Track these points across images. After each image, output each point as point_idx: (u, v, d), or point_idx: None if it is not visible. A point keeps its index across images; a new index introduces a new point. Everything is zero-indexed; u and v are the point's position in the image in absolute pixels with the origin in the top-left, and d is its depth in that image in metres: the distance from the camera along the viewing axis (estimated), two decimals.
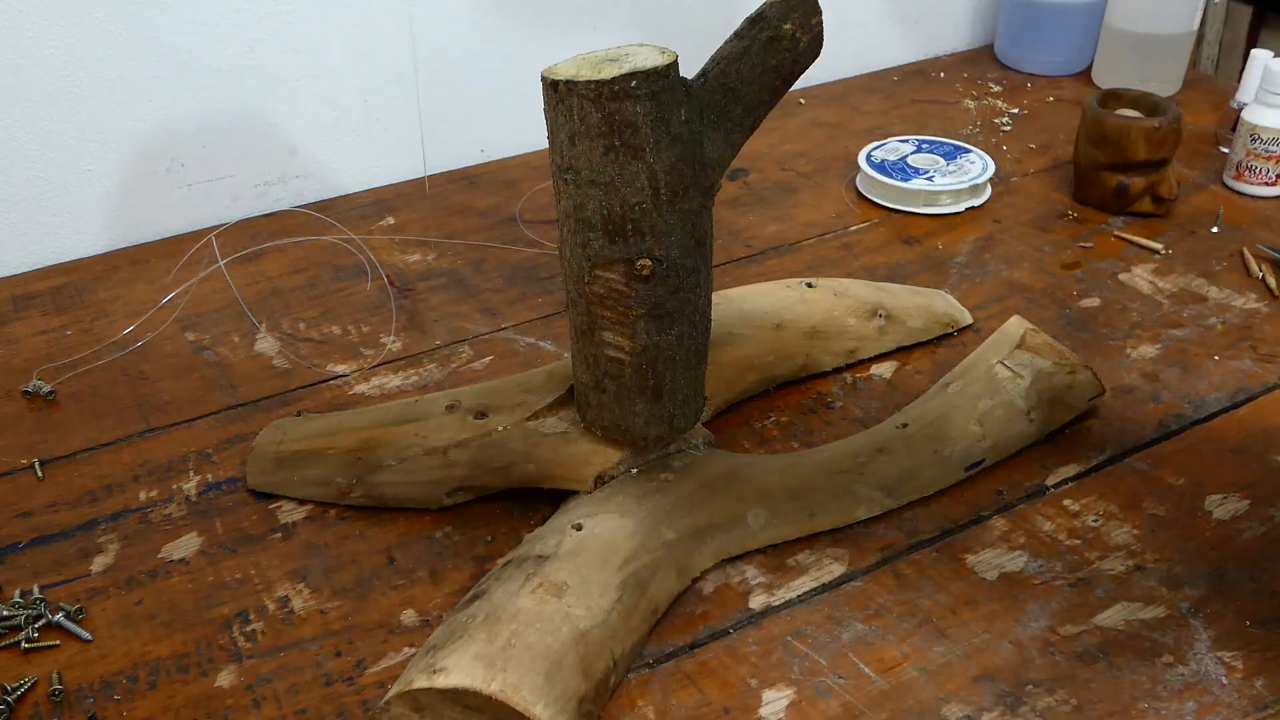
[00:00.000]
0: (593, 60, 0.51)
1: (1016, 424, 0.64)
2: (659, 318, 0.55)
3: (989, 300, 0.79)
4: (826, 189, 0.95)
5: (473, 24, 0.96)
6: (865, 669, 0.52)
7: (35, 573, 0.58)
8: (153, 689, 0.52)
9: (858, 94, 1.14)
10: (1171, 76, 1.10)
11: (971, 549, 0.58)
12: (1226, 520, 0.60)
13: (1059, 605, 0.55)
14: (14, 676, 0.52)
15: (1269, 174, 0.91)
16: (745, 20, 0.53)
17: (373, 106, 0.95)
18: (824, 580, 0.57)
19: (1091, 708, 0.50)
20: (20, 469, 0.65)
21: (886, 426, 0.65)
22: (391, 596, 0.57)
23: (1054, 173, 0.97)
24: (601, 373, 0.57)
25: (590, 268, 0.54)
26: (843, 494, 0.60)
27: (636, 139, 0.50)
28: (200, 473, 0.65)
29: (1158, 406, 0.69)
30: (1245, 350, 0.73)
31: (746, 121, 0.54)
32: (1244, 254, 0.84)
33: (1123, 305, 0.78)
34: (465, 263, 0.85)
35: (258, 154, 0.92)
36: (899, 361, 0.73)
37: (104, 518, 0.62)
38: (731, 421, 0.68)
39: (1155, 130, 0.84)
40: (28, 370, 0.73)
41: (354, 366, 0.74)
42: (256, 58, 0.88)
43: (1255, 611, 0.55)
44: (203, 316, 0.79)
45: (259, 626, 0.55)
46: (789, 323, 0.70)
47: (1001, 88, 1.14)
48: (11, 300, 0.82)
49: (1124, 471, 0.64)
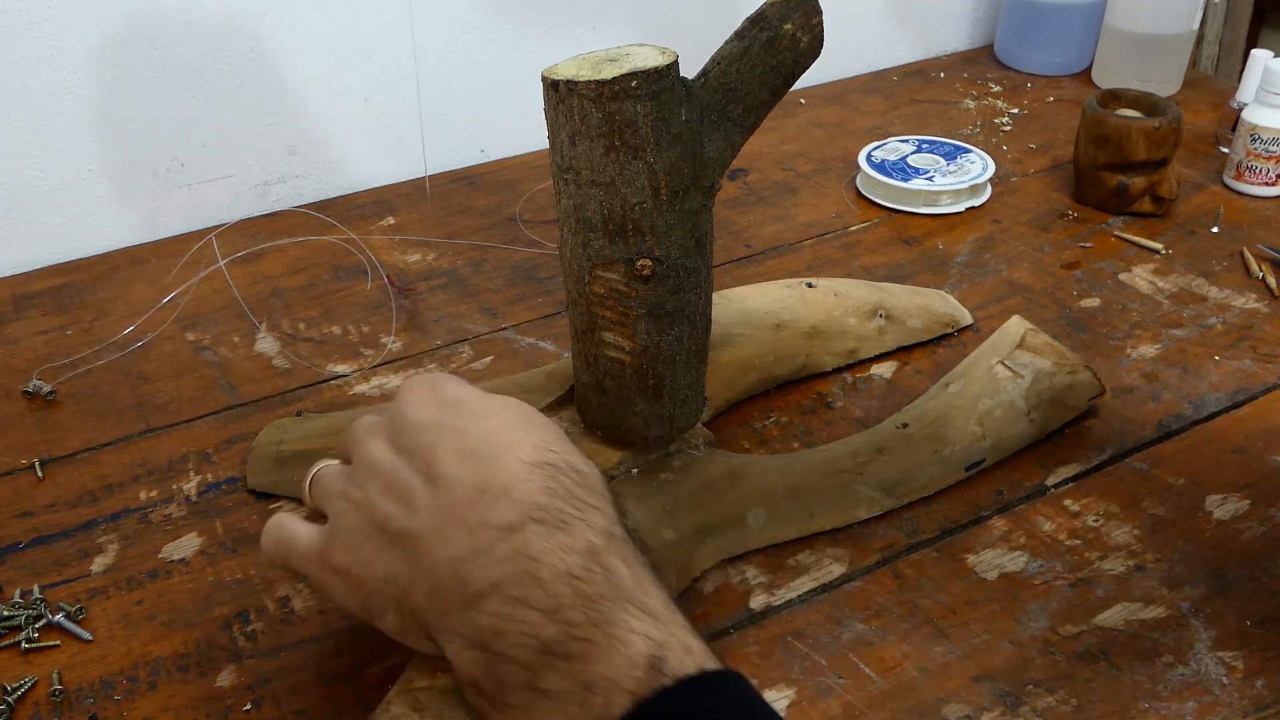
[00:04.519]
0: (593, 60, 0.51)
1: (1016, 424, 0.64)
2: (659, 318, 0.55)
3: (989, 300, 0.79)
4: (826, 189, 0.95)
5: (472, 24, 0.96)
6: (865, 669, 0.52)
7: (35, 573, 0.58)
8: (153, 689, 0.52)
9: (858, 94, 1.14)
10: (1171, 76, 1.10)
11: (972, 549, 0.58)
12: (1227, 520, 0.60)
13: (1059, 605, 0.55)
14: (14, 676, 0.52)
15: (1269, 174, 0.91)
16: (746, 20, 0.53)
17: (373, 106, 0.95)
18: (824, 580, 0.57)
19: (1091, 708, 0.50)
20: (20, 469, 0.65)
21: (886, 426, 0.65)
22: None
23: (1054, 173, 0.97)
24: (602, 373, 0.57)
25: (590, 268, 0.54)
26: (843, 494, 0.60)
27: (637, 139, 0.50)
28: (200, 473, 0.65)
29: (1158, 406, 0.69)
30: (1245, 350, 0.73)
31: (747, 121, 0.54)
32: (1244, 254, 0.84)
33: (1123, 305, 0.78)
34: (465, 263, 0.85)
35: (258, 154, 0.92)
36: (899, 361, 0.73)
37: (104, 518, 0.62)
38: (731, 421, 0.68)
39: (1155, 130, 0.84)
40: (28, 370, 0.73)
41: (354, 366, 0.74)
42: (256, 58, 0.88)
43: (1255, 611, 0.55)
44: (203, 316, 0.79)
45: (259, 626, 0.55)
46: (789, 323, 0.70)
47: (1001, 88, 1.14)
48: (11, 300, 0.82)
49: (1124, 471, 0.64)
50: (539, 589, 0.38)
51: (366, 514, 0.43)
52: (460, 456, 0.42)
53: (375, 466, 0.43)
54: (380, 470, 0.43)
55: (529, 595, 0.38)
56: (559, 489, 0.41)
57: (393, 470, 0.43)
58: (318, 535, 0.45)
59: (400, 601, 0.42)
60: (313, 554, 0.44)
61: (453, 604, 0.40)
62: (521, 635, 0.38)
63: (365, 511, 0.43)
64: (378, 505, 0.42)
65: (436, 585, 0.40)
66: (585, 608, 0.38)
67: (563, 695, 0.37)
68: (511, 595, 0.38)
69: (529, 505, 0.40)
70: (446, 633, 0.40)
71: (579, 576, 0.38)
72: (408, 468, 0.43)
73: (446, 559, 0.40)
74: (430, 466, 0.42)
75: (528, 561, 0.39)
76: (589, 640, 0.37)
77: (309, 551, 0.45)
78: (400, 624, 0.42)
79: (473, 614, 0.39)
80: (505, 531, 0.39)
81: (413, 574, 0.41)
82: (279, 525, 0.46)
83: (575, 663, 0.37)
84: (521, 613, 0.38)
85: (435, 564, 0.40)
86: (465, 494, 0.41)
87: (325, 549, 0.44)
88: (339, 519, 0.44)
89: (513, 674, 0.38)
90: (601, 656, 0.37)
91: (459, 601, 0.39)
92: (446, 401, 0.44)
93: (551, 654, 0.37)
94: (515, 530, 0.39)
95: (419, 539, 0.41)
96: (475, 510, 0.40)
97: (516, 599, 0.38)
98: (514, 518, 0.40)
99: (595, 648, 0.37)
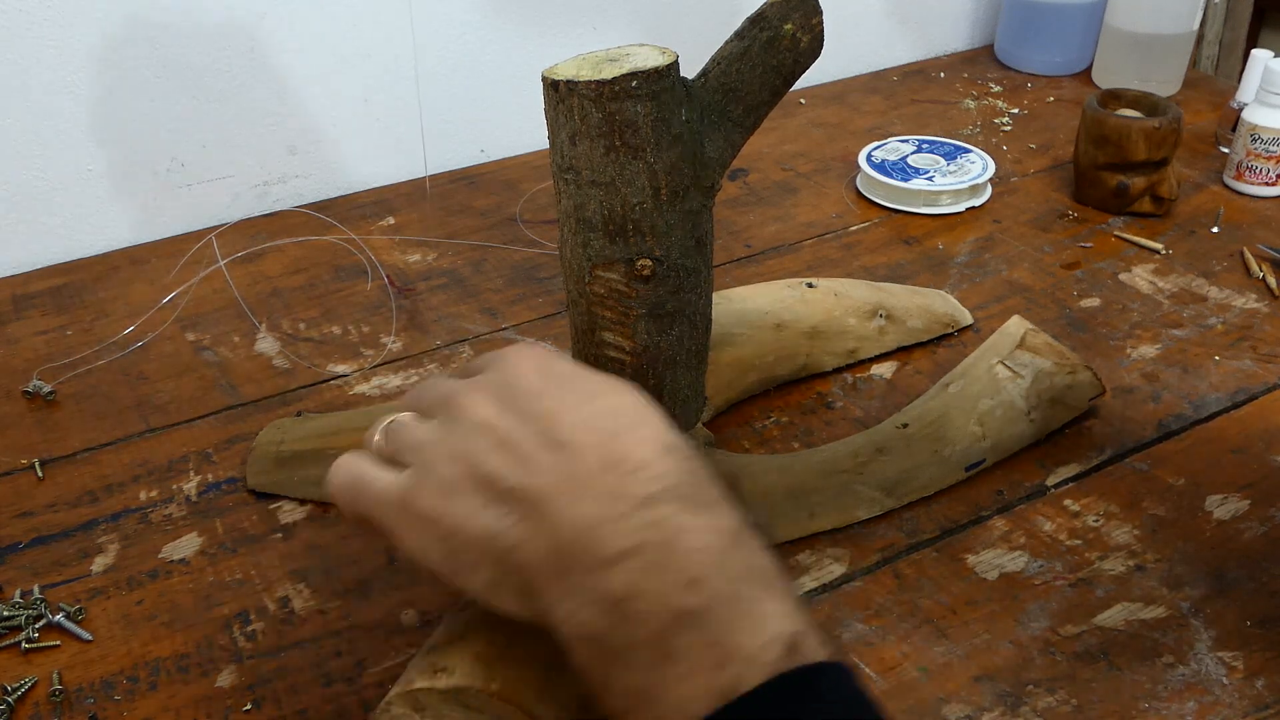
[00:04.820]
0: (593, 60, 0.51)
1: (1016, 424, 0.64)
2: (659, 318, 0.55)
3: (989, 300, 0.79)
4: (826, 189, 0.95)
5: (472, 24, 0.96)
6: (865, 669, 0.52)
7: (35, 573, 0.58)
8: (153, 689, 0.52)
9: (858, 94, 1.14)
10: (1171, 76, 1.10)
11: (972, 549, 0.58)
12: (1227, 520, 0.60)
13: (1059, 605, 0.55)
14: (14, 677, 0.52)
15: (1269, 174, 0.91)
16: (746, 20, 0.53)
17: (373, 106, 0.95)
18: (824, 580, 0.57)
19: (1092, 708, 0.50)
20: (20, 469, 0.65)
21: (886, 426, 0.65)
22: (392, 596, 0.57)
23: (1054, 173, 0.97)
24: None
25: (590, 268, 0.54)
26: (843, 494, 0.60)
27: (637, 139, 0.50)
28: (200, 473, 0.65)
29: (1158, 406, 0.69)
30: (1245, 350, 0.73)
31: (747, 121, 0.54)
32: (1244, 254, 0.84)
33: (1123, 305, 0.78)
34: (465, 263, 0.85)
35: (258, 154, 0.92)
36: (899, 361, 0.73)
37: (104, 518, 0.62)
38: (731, 421, 0.68)
39: (1155, 130, 0.84)
40: (28, 370, 0.73)
41: (354, 366, 0.74)
42: (256, 58, 0.88)
43: (1255, 611, 0.55)
44: (203, 316, 0.79)
45: (259, 626, 0.55)
46: (789, 323, 0.70)
47: (1001, 88, 1.14)
48: (11, 300, 0.82)
49: (1124, 471, 0.64)
50: (680, 558, 0.38)
51: (469, 466, 0.42)
52: (586, 427, 0.42)
53: (484, 422, 0.43)
54: (489, 426, 0.42)
55: (669, 562, 0.38)
56: (692, 473, 0.41)
57: (506, 429, 0.42)
58: (399, 479, 0.43)
59: (502, 558, 0.41)
60: (391, 498, 0.43)
61: (578, 565, 0.39)
62: (657, 600, 0.38)
63: (468, 463, 0.42)
64: (485, 460, 0.42)
65: (560, 546, 0.40)
66: (725, 583, 0.38)
67: (694, 660, 0.37)
68: (650, 560, 0.38)
69: (668, 482, 0.40)
70: (564, 591, 0.40)
71: (721, 553, 0.39)
72: (523, 427, 0.42)
73: (575, 521, 0.40)
74: (551, 431, 0.42)
75: (669, 532, 0.39)
76: (727, 613, 0.37)
77: (386, 495, 0.43)
78: (493, 579, 0.41)
79: (603, 575, 0.39)
80: (644, 502, 0.40)
81: (527, 532, 0.40)
82: (352, 464, 0.45)
83: (712, 631, 0.37)
84: (658, 579, 0.38)
85: (559, 525, 0.40)
86: (594, 463, 0.41)
87: (408, 494, 0.42)
88: (430, 467, 0.43)
89: (641, 633, 0.38)
90: (740, 629, 0.37)
91: (587, 564, 0.39)
92: (560, 374, 0.44)
93: (687, 620, 0.37)
94: (655, 503, 0.40)
95: (541, 499, 0.40)
96: (608, 480, 0.40)
97: (655, 564, 0.38)
98: (654, 490, 0.40)
99: (733, 621, 0.37)
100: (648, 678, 0.37)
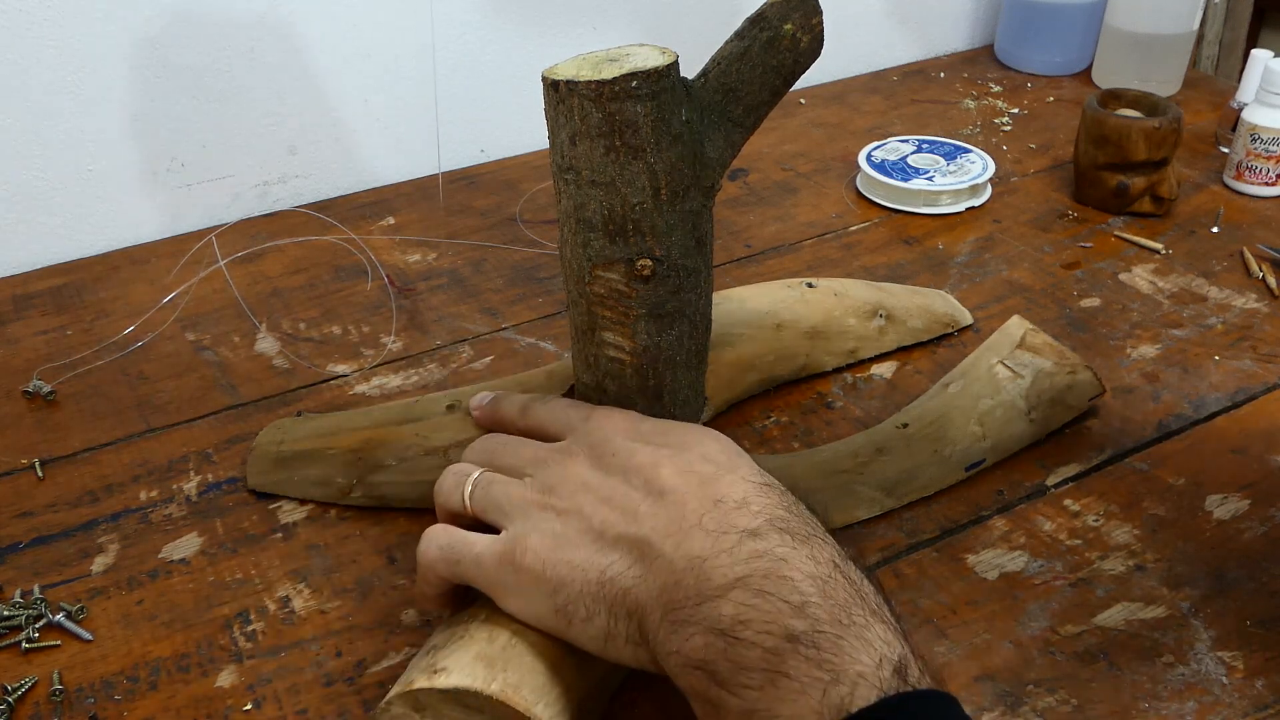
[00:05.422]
0: (593, 60, 0.51)
1: (1016, 424, 0.64)
2: (659, 318, 0.55)
3: (989, 300, 0.79)
4: (826, 189, 0.95)
5: (473, 24, 0.96)
6: None
7: (35, 573, 0.58)
8: (153, 689, 0.52)
9: (858, 94, 1.14)
10: (1171, 76, 1.10)
11: (972, 549, 0.59)
12: (1227, 520, 0.60)
13: (1059, 605, 0.55)
14: (14, 676, 0.52)
15: (1269, 174, 0.91)
16: (746, 20, 0.53)
17: (373, 106, 0.95)
18: None
19: (1092, 708, 0.50)
20: (20, 469, 0.65)
21: (886, 426, 0.65)
22: (392, 596, 0.57)
23: (1054, 173, 0.97)
24: (602, 373, 0.57)
25: (590, 268, 0.54)
26: (843, 494, 0.60)
27: (637, 139, 0.50)
28: (200, 473, 0.65)
29: (1158, 406, 0.69)
30: (1245, 350, 0.73)
31: (747, 121, 0.54)
32: (1244, 254, 0.84)
33: (1123, 305, 0.78)
34: (465, 263, 0.85)
35: (258, 154, 0.92)
36: (899, 361, 0.73)
37: (104, 518, 0.62)
38: (731, 421, 0.68)
39: (1155, 130, 0.84)
40: (28, 370, 0.73)
41: (354, 366, 0.74)
42: (256, 58, 0.88)
43: (1255, 611, 0.55)
44: (203, 316, 0.79)
45: (259, 626, 0.55)
46: (789, 323, 0.70)
47: (1001, 88, 1.14)
48: (11, 300, 0.82)
49: (1124, 471, 0.64)
50: (786, 585, 0.40)
51: (578, 522, 0.45)
52: (684, 474, 0.45)
53: (583, 481, 0.47)
54: (590, 485, 0.46)
55: (777, 589, 0.40)
56: (789, 507, 0.44)
57: (607, 485, 0.46)
58: (499, 539, 0.47)
59: (617, 601, 0.43)
60: (492, 558, 0.46)
61: (689, 599, 0.41)
62: (766, 624, 0.39)
63: (575, 518, 0.45)
64: (593, 514, 0.45)
65: (671, 583, 0.42)
66: (832, 608, 0.39)
67: (804, 680, 0.38)
68: (758, 588, 0.40)
69: (770, 516, 0.43)
70: (676, 623, 0.41)
71: (826, 580, 0.40)
72: (624, 484, 0.46)
73: (684, 558, 0.42)
74: (652, 483, 0.45)
75: (775, 561, 0.41)
76: (837, 636, 0.38)
77: (488, 555, 0.46)
78: (607, 629, 0.43)
79: (713, 605, 0.40)
80: (749, 534, 0.42)
81: (639, 574, 0.43)
82: (441, 534, 0.48)
83: (820, 652, 0.38)
84: (768, 604, 0.39)
85: (670, 564, 0.42)
86: (697, 505, 0.44)
87: (513, 550, 0.45)
88: (535, 523, 0.46)
89: (753, 658, 0.39)
90: (848, 651, 0.38)
91: (699, 595, 0.41)
92: (647, 431, 0.48)
93: (796, 642, 0.38)
94: (759, 535, 0.42)
95: (650, 542, 0.43)
96: (713, 517, 0.43)
97: (764, 591, 0.40)
98: (756, 524, 0.42)
99: (843, 643, 0.38)
100: (758, 700, 0.38)
